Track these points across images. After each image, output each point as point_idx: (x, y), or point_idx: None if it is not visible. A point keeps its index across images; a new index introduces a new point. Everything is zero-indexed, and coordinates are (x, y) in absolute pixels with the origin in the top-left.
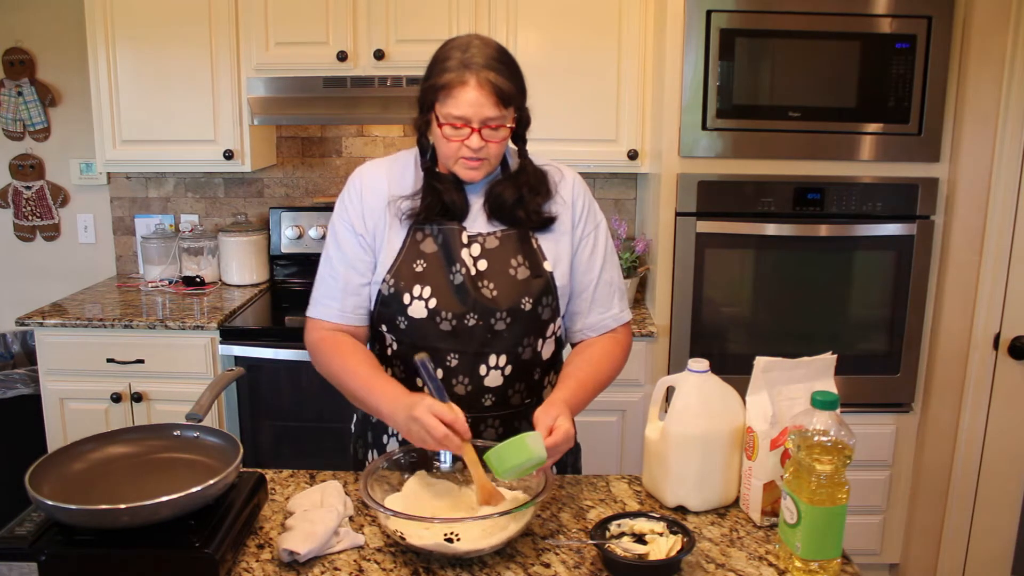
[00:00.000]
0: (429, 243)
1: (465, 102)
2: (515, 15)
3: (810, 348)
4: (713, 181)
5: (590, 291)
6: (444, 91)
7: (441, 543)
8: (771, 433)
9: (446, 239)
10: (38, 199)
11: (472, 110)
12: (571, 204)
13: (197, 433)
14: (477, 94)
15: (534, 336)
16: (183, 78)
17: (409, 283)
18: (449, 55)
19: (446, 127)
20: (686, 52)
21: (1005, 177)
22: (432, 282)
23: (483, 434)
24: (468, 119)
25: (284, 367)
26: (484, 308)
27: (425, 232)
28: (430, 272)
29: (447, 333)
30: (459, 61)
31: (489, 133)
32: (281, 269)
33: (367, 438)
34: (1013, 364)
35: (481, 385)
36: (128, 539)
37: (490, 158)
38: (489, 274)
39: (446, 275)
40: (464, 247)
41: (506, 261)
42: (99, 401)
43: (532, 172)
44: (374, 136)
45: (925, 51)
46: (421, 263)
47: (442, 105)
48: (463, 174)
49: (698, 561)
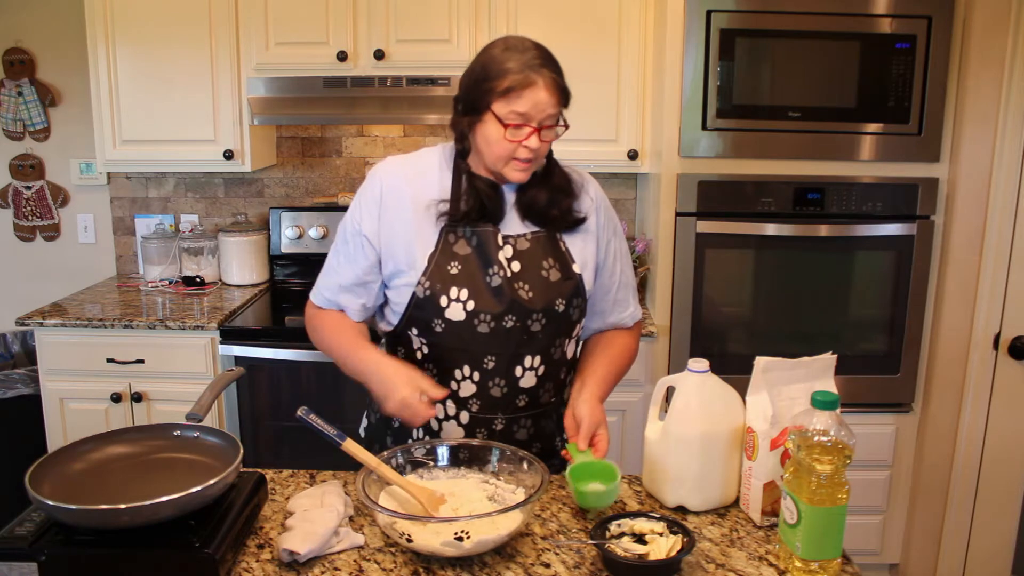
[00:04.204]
0: (462, 245)
1: (533, 101)
2: (515, 15)
3: (810, 348)
4: (713, 181)
5: (612, 292)
6: (511, 91)
7: (451, 542)
8: (771, 433)
9: (481, 241)
10: (38, 199)
11: (538, 109)
12: (595, 208)
13: (197, 433)
14: (546, 94)
15: (565, 336)
16: (183, 78)
17: (446, 285)
18: (507, 57)
19: (509, 128)
20: (686, 52)
21: (1005, 177)
22: (469, 284)
23: (515, 435)
24: (532, 118)
25: (284, 367)
26: (521, 309)
27: (458, 234)
28: (466, 274)
29: (485, 335)
30: (522, 62)
31: (546, 133)
32: (281, 269)
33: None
34: (1013, 364)
35: (516, 386)
36: (128, 539)
37: (540, 156)
38: (523, 275)
39: (483, 277)
40: (499, 249)
41: (538, 263)
42: (99, 401)
43: (559, 174)
44: (374, 136)
45: (925, 51)
46: (456, 265)
47: (505, 102)
48: (513, 175)
49: (698, 561)
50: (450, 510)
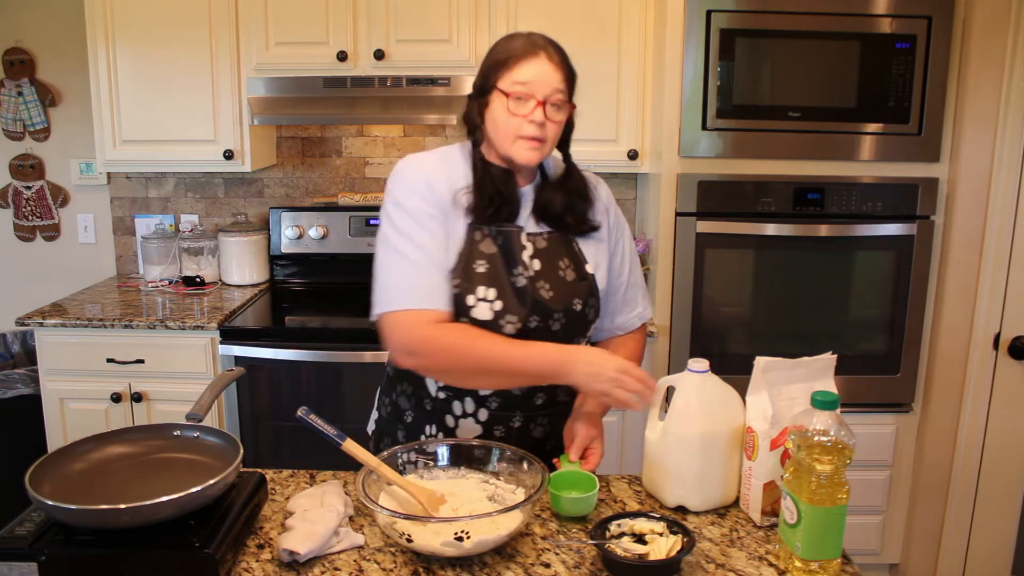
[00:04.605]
0: (488, 243)
1: (534, 71)
2: (515, 15)
3: (810, 348)
4: (713, 181)
5: (621, 292)
6: (513, 60)
7: (451, 542)
8: (771, 433)
9: (506, 240)
10: (38, 199)
11: (541, 79)
12: (606, 211)
13: (197, 433)
14: (550, 66)
15: (580, 336)
16: (183, 78)
17: (473, 284)
18: (513, 37)
19: (512, 99)
20: (686, 52)
21: (1005, 177)
22: (496, 284)
23: (532, 433)
24: (536, 89)
25: (284, 367)
26: (544, 309)
27: (483, 232)
28: (492, 273)
29: (509, 335)
30: (526, 40)
31: (551, 111)
32: (281, 269)
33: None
34: (1013, 364)
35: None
36: (128, 539)
37: (548, 140)
38: (544, 275)
39: (508, 277)
40: (523, 248)
41: (556, 263)
42: (99, 401)
43: (578, 178)
44: (374, 136)
45: (925, 51)
46: (483, 263)
47: (508, 74)
48: (521, 155)
49: (698, 561)
50: (450, 510)
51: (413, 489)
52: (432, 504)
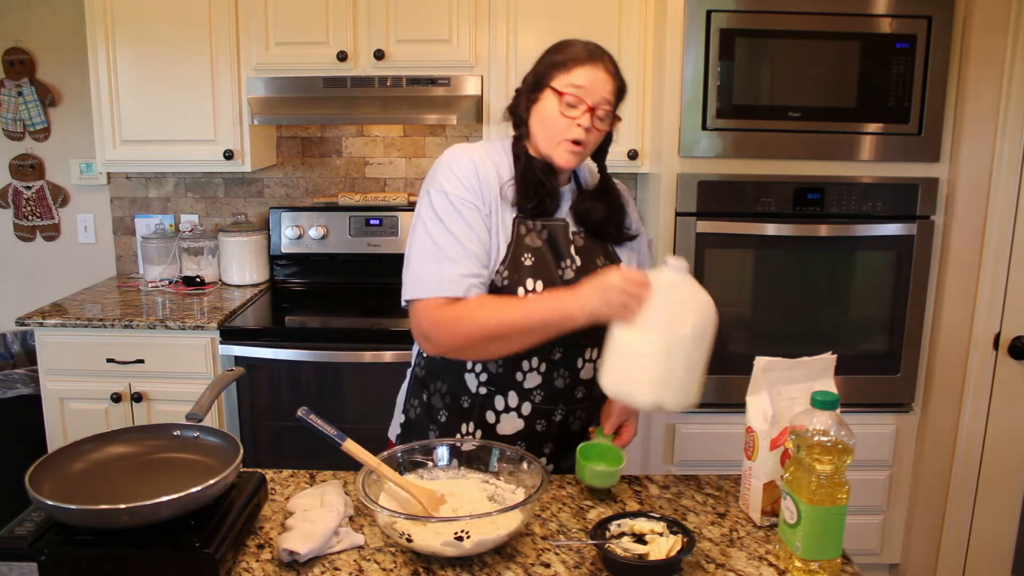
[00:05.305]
0: (533, 238)
1: (592, 78)
2: (515, 15)
3: (810, 348)
4: (713, 181)
5: None
6: (572, 63)
7: (451, 541)
8: (771, 433)
9: (552, 234)
10: (38, 199)
11: (594, 86)
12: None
13: (197, 433)
14: (605, 76)
15: None
16: (183, 78)
17: (522, 276)
18: (574, 42)
19: (565, 99)
20: (686, 52)
21: (1005, 177)
22: (544, 276)
23: (571, 426)
24: (588, 94)
25: (284, 367)
26: None
27: (528, 226)
28: (540, 266)
29: None
30: (588, 47)
31: (597, 120)
32: (281, 269)
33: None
34: (1013, 364)
35: (577, 378)
36: (128, 539)
37: (588, 146)
38: (585, 270)
39: (555, 270)
40: (570, 243)
41: (594, 259)
42: (99, 401)
43: (615, 190)
44: (374, 136)
45: (925, 51)
46: (529, 257)
47: (566, 76)
48: (562, 157)
49: (698, 561)
50: (450, 510)
51: (413, 489)
52: (432, 504)
